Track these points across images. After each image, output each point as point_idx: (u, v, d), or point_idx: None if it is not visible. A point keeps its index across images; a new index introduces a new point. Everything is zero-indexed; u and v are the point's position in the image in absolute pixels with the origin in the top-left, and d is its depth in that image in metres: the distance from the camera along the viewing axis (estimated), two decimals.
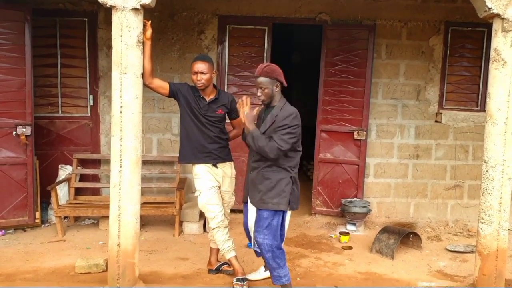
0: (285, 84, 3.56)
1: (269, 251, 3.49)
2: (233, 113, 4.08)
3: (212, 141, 3.92)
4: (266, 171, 3.51)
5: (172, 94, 3.88)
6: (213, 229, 3.95)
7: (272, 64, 3.59)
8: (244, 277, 3.91)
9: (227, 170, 4.04)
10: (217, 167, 3.96)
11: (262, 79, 3.48)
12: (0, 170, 4.98)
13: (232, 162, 4.10)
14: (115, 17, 3.46)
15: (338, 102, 5.80)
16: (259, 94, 3.52)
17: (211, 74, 3.88)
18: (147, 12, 3.63)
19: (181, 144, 4.00)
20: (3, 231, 5.11)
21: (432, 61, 5.86)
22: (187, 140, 3.93)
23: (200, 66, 3.83)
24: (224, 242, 3.97)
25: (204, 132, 3.89)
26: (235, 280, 3.89)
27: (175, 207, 5.22)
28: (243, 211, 3.87)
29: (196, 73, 3.83)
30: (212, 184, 3.93)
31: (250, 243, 4.95)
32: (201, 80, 3.82)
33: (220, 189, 4.02)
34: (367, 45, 5.65)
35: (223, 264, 4.24)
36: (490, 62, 3.71)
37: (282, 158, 3.46)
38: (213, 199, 3.91)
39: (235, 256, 4.01)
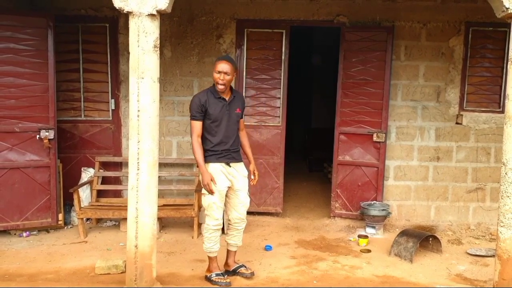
0: None
1: None
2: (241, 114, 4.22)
3: (233, 141, 4.03)
4: None
5: (203, 119, 3.96)
6: (211, 229, 4.01)
7: None
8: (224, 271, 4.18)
9: (239, 168, 4.10)
10: (230, 166, 4.03)
11: None
12: (24, 173, 5.11)
13: (242, 162, 4.17)
14: (132, 23, 3.54)
15: (357, 104, 5.77)
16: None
17: (232, 76, 3.94)
18: (166, 17, 3.70)
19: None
20: (28, 232, 5.25)
21: (452, 62, 5.78)
22: (207, 140, 3.98)
23: (225, 66, 3.89)
24: (215, 243, 4.06)
25: (227, 131, 3.99)
26: (213, 275, 4.07)
27: (194, 209, 5.27)
28: (261, 213, 3.89)
29: (220, 72, 3.89)
30: (224, 184, 3.98)
31: (269, 245, 5.00)
32: (223, 80, 3.89)
33: (233, 188, 4.06)
34: (386, 46, 5.60)
35: (240, 266, 4.26)
36: (509, 62, 3.64)
37: None
38: (220, 201, 3.99)
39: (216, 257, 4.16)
